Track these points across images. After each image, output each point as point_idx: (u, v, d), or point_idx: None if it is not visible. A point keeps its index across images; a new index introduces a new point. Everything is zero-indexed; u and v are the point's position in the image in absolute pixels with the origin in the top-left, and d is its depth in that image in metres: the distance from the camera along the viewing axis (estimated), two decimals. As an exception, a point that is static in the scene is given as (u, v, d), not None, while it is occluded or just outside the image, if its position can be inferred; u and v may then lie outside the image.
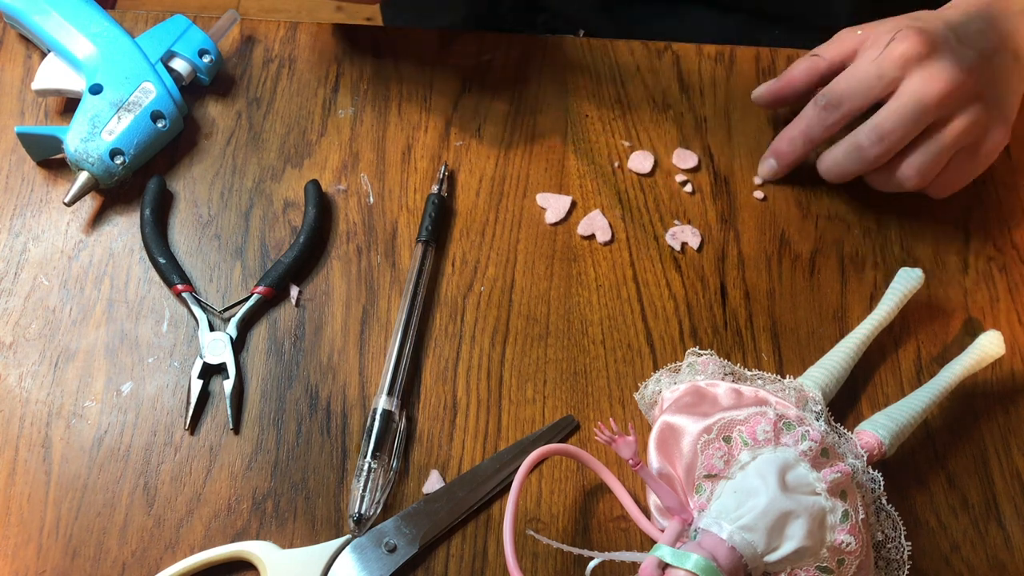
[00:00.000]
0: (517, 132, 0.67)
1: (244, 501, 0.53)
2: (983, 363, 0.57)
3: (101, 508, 0.53)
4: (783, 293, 0.62)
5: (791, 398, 0.53)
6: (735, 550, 0.45)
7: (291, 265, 0.60)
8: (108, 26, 0.64)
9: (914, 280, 0.59)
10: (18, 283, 0.59)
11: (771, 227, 0.64)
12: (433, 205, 0.62)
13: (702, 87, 0.70)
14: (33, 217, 0.61)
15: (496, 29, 0.77)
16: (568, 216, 0.64)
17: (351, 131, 0.66)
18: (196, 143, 0.65)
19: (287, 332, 0.59)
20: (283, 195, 0.63)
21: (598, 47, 0.71)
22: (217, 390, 0.56)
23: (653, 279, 0.62)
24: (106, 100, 0.61)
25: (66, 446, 0.54)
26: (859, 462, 0.51)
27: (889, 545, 0.51)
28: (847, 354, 0.56)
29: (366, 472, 0.53)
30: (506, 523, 0.49)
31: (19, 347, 0.57)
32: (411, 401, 0.57)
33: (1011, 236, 0.65)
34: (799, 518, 0.46)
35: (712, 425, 0.50)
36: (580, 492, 0.55)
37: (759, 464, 0.47)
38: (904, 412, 0.54)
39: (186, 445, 0.55)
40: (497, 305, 0.60)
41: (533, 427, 0.57)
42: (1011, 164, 0.68)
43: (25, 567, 0.51)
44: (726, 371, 0.55)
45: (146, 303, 0.59)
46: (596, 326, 0.60)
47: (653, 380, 0.56)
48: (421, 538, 0.52)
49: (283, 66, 0.68)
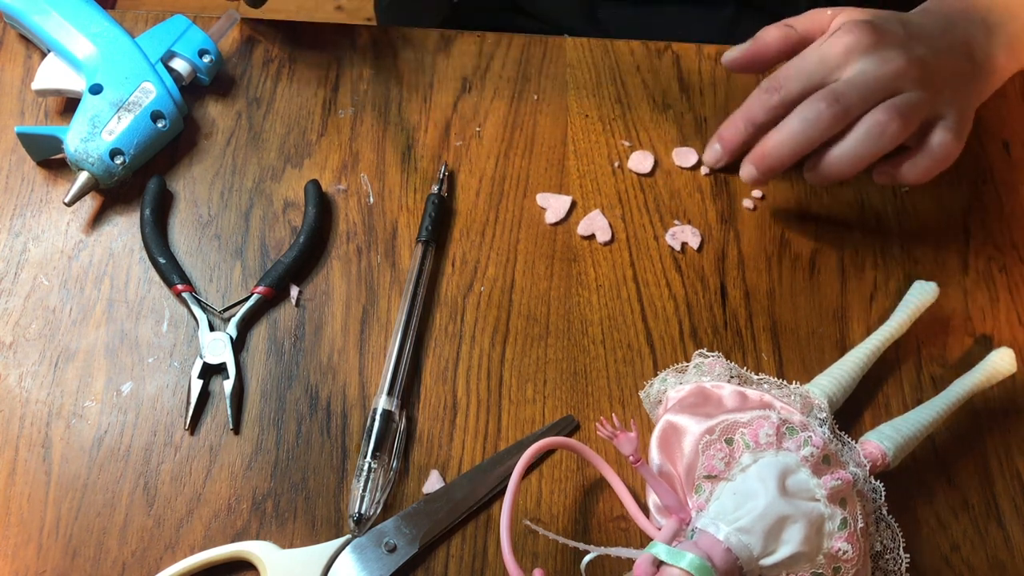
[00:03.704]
0: (517, 132, 0.67)
1: (244, 501, 0.53)
2: (994, 380, 0.57)
3: (101, 508, 0.53)
4: (783, 293, 0.62)
5: (796, 404, 0.53)
6: (731, 551, 0.45)
7: (291, 265, 0.60)
8: (108, 26, 0.64)
9: (928, 293, 0.59)
10: (18, 283, 0.59)
11: (771, 227, 0.64)
12: (433, 205, 0.62)
13: (702, 87, 0.70)
14: (33, 217, 0.61)
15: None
16: (568, 216, 0.64)
17: (351, 131, 0.66)
18: (196, 143, 0.65)
19: (287, 332, 0.59)
20: (283, 195, 0.63)
21: (598, 47, 0.71)
22: (217, 390, 0.56)
23: (653, 279, 0.62)
24: (106, 100, 0.61)
25: (66, 446, 0.54)
26: (861, 471, 0.51)
27: (887, 556, 0.51)
28: (856, 364, 0.56)
29: (366, 472, 0.53)
30: (503, 515, 0.49)
31: (19, 347, 0.57)
32: (411, 401, 0.57)
33: (1011, 236, 0.65)
34: (797, 523, 0.46)
35: (715, 426, 0.50)
36: (580, 492, 0.55)
37: (760, 467, 0.47)
38: (910, 425, 0.53)
39: (186, 445, 0.55)
40: (497, 305, 0.60)
41: (533, 427, 0.57)
42: (1011, 164, 0.68)
43: (25, 567, 0.51)
44: (732, 374, 0.55)
45: (146, 303, 0.59)
46: (596, 326, 0.60)
47: (659, 379, 0.56)
48: (421, 538, 0.52)
49: (283, 66, 0.68)
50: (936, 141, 0.59)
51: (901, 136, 0.58)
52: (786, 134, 0.59)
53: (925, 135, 0.60)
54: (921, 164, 0.60)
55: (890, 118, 0.57)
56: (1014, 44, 0.62)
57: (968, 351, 0.61)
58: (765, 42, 0.63)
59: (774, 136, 0.59)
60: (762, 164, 0.60)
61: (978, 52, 0.61)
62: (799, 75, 0.59)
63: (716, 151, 0.64)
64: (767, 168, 0.60)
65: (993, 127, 0.69)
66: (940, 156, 0.60)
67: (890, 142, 0.58)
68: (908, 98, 0.58)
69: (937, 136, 0.59)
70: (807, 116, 0.58)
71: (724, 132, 0.64)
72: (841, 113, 0.57)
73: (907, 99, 0.58)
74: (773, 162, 0.59)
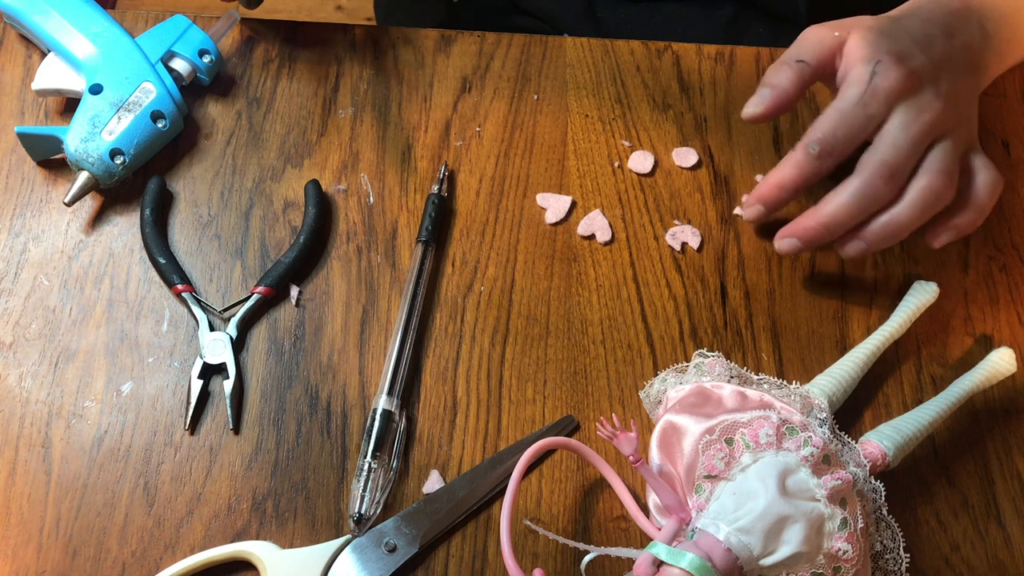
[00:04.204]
0: (517, 132, 0.67)
1: (244, 501, 0.53)
2: (994, 380, 0.57)
3: (101, 508, 0.53)
4: (783, 293, 0.62)
5: (796, 404, 0.53)
6: (731, 552, 0.45)
7: (291, 265, 0.60)
8: (108, 26, 0.64)
9: (928, 293, 0.59)
10: (18, 283, 0.59)
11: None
12: (433, 205, 0.62)
13: (702, 87, 0.70)
14: (33, 217, 0.61)
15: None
16: (568, 216, 0.64)
17: (351, 131, 0.66)
18: (196, 143, 0.65)
19: (287, 332, 0.59)
20: (283, 195, 0.63)
21: (598, 47, 0.71)
22: (217, 390, 0.56)
23: (653, 279, 0.62)
24: (106, 100, 0.61)
25: (66, 446, 0.54)
26: (861, 471, 0.51)
27: (888, 556, 0.51)
28: (856, 364, 0.56)
29: (366, 472, 0.53)
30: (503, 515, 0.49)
31: (19, 347, 0.57)
32: (411, 401, 0.57)
33: (1011, 236, 0.65)
34: (797, 523, 0.46)
35: (715, 426, 0.50)
36: (580, 492, 0.55)
37: (760, 467, 0.47)
38: (910, 425, 0.53)
39: (186, 445, 0.55)
40: (497, 305, 0.60)
41: (533, 427, 0.57)
42: (1011, 164, 0.68)
43: (25, 567, 0.51)
44: (732, 374, 0.55)
45: (146, 303, 0.59)
46: (596, 326, 0.60)
47: (659, 379, 0.56)
48: (421, 538, 0.52)
49: (283, 66, 0.68)
50: (982, 184, 0.59)
51: (951, 196, 0.57)
52: (841, 208, 0.57)
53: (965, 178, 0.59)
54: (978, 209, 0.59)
55: (943, 184, 0.57)
56: (1002, 50, 0.62)
57: (968, 351, 0.61)
58: (783, 88, 0.59)
59: (825, 209, 0.57)
60: (811, 238, 0.58)
61: (976, 60, 0.61)
62: (850, 135, 0.57)
63: (758, 211, 0.60)
64: (814, 241, 0.58)
65: (993, 127, 0.69)
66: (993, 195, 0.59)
67: (943, 204, 0.57)
68: (947, 152, 0.57)
69: (981, 179, 0.59)
70: (864, 191, 0.56)
71: (769, 194, 0.60)
72: (896, 186, 0.56)
73: (947, 154, 0.57)
74: (825, 235, 0.58)
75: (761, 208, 0.60)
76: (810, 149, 0.57)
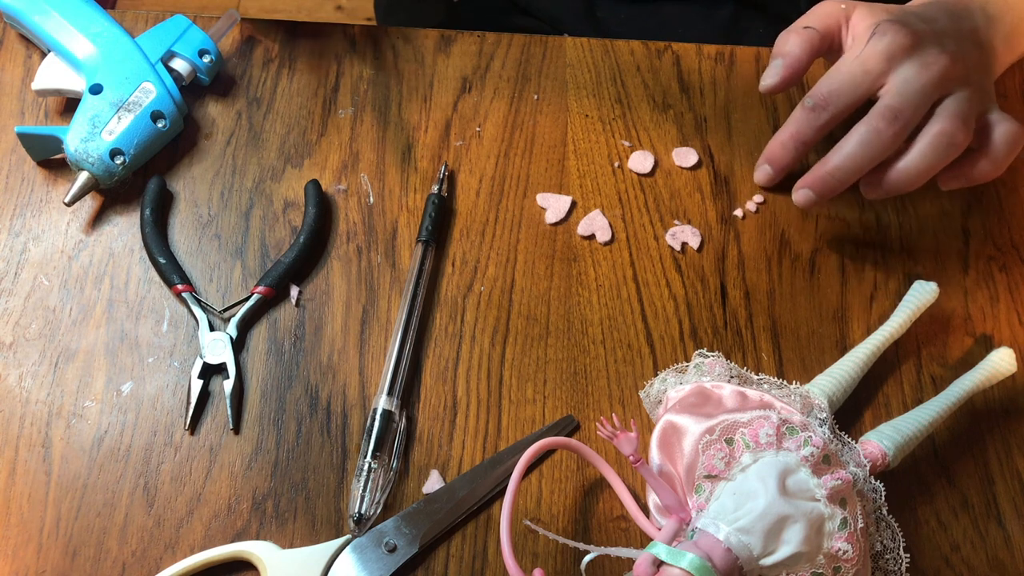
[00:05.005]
0: (517, 132, 0.67)
1: (244, 501, 0.53)
2: (994, 380, 0.57)
3: (101, 508, 0.53)
4: (783, 293, 0.62)
5: (796, 404, 0.53)
6: (731, 551, 0.45)
7: (291, 265, 0.60)
8: (108, 26, 0.64)
9: (928, 293, 0.58)
10: (18, 283, 0.59)
11: (771, 227, 0.64)
12: (433, 205, 0.62)
13: (702, 87, 0.70)
14: (33, 217, 0.61)
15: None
16: (568, 216, 0.64)
17: (351, 131, 0.66)
18: (196, 143, 0.65)
19: (287, 332, 0.59)
20: (283, 195, 0.63)
21: (598, 47, 0.71)
22: (217, 390, 0.56)
23: (653, 279, 0.62)
24: (106, 100, 0.61)
25: (66, 446, 0.54)
26: (861, 471, 0.51)
27: (888, 556, 0.51)
28: (856, 364, 0.56)
29: (366, 472, 0.53)
30: (503, 515, 0.49)
31: (19, 347, 0.57)
32: (411, 401, 0.57)
33: (1011, 236, 0.65)
34: (797, 523, 0.46)
35: (715, 426, 0.50)
36: (580, 492, 0.55)
37: (760, 467, 0.47)
38: (910, 425, 0.53)
39: (186, 445, 0.55)
40: (497, 305, 0.60)
41: (533, 427, 0.57)
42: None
43: (25, 567, 0.51)
44: (732, 374, 0.55)
45: (146, 303, 0.59)
46: (596, 326, 0.60)
47: (659, 379, 0.56)
48: (421, 538, 0.52)
49: (283, 66, 0.68)
50: (1000, 134, 0.59)
51: (967, 141, 0.58)
52: (847, 156, 0.58)
53: (983, 131, 0.60)
54: (994, 159, 0.60)
55: (955, 128, 0.57)
56: (1011, 36, 0.63)
57: (968, 351, 0.61)
58: (794, 55, 0.60)
59: (833, 158, 0.58)
60: (822, 187, 0.59)
61: (984, 42, 0.61)
62: (844, 89, 0.58)
63: (767, 171, 0.64)
64: (827, 191, 0.59)
65: (993, 127, 0.69)
66: (1012, 145, 0.60)
67: (958, 151, 0.58)
68: (961, 101, 0.57)
69: (1000, 129, 0.59)
70: (867, 137, 0.57)
71: (772, 152, 0.62)
72: (901, 129, 0.57)
73: (961, 102, 0.57)
74: (835, 184, 0.59)
75: (768, 168, 0.63)
76: (805, 103, 0.59)
